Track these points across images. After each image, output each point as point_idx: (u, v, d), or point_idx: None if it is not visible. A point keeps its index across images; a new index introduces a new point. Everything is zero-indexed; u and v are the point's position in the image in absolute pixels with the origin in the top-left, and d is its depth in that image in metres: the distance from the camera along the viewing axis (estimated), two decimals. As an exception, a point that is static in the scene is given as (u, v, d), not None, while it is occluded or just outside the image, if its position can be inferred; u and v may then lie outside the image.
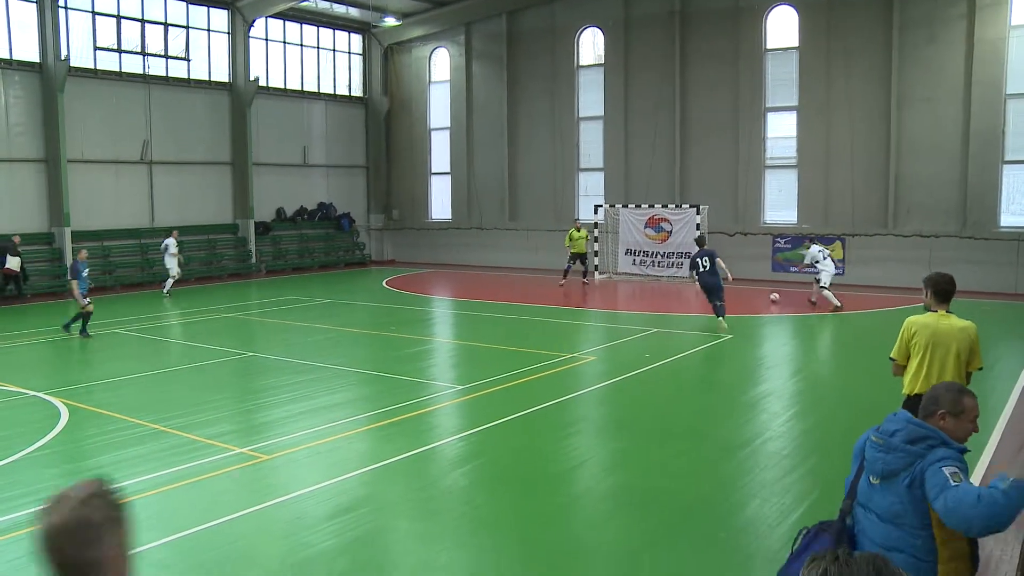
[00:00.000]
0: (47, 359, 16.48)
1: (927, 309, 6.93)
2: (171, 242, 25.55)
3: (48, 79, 26.20)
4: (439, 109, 36.11)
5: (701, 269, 17.69)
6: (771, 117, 28.32)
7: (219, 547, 7.08)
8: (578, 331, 19.27)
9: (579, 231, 26.98)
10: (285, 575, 6.62)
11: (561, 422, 11.12)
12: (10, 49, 25.86)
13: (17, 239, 24.70)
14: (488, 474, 9.08)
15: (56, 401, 11.92)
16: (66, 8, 26.69)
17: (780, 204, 28.44)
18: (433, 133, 36.50)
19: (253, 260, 31.71)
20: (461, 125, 35.04)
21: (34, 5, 26.07)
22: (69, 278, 18.52)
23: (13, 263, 24.15)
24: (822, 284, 20.62)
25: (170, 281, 25.27)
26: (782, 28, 27.83)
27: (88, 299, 17.82)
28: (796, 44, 27.50)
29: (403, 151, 37.26)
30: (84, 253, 18.82)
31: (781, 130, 28.29)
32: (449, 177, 35.87)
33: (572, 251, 26.83)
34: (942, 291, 6.79)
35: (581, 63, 32.06)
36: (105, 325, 19.01)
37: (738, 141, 28.50)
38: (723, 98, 28.62)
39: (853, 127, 26.53)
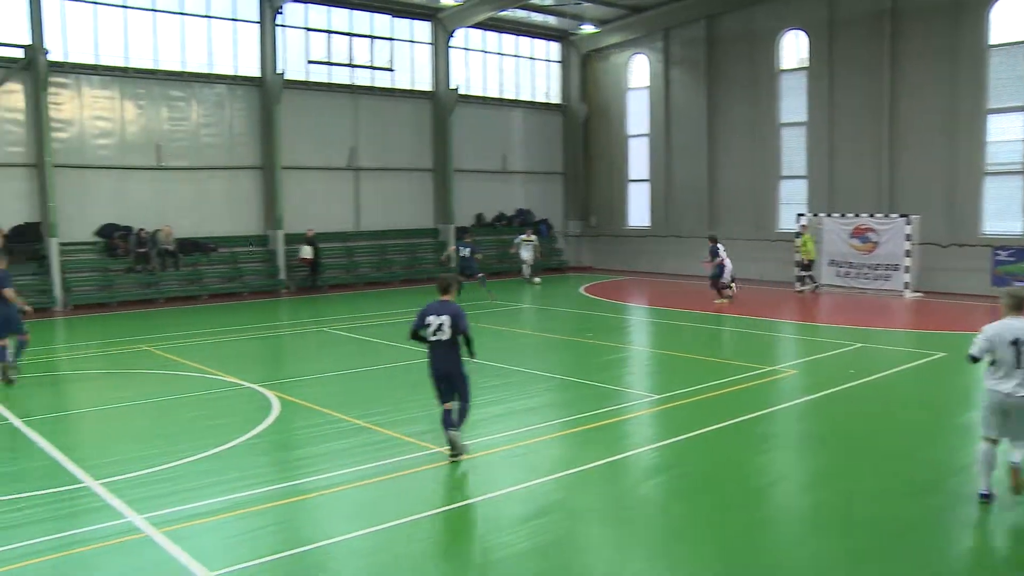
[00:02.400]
0: (260, 353, 17.64)
1: None
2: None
3: (266, 92, 28.23)
4: (637, 116, 35.92)
5: None
6: (993, 119, 26.16)
7: (416, 542, 7.26)
8: (778, 343, 18.55)
9: (805, 236, 26.43)
10: (479, 574, 6.71)
11: (759, 436, 10.70)
12: (235, 65, 28.09)
13: (311, 232, 28.50)
14: (683, 485, 8.86)
15: (269, 393, 12.72)
16: (283, 26, 28.67)
17: (1002, 213, 26.22)
18: (631, 140, 36.34)
19: (453, 264, 32.66)
20: (660, 132, 34.70)
21: (256, 25, 28.18)
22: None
23: (306, 252, 28.09)
24: None
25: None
26: (1010, 20, 25.66)
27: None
28: (1030, 37, 25.29)
29: (601, 158, 37.35)
30: None
31: (1005, 133, 26.06)
32: (647, 184, 35.60)
33: (805, 258, 26.38)
34: None
35: (782, 67, 30.93)
36: (313, 324, 20.15)
37: (955, 145, 26.51)
38: (938, 99, 26.71)
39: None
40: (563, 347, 17.92)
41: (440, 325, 9.88)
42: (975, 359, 8.12)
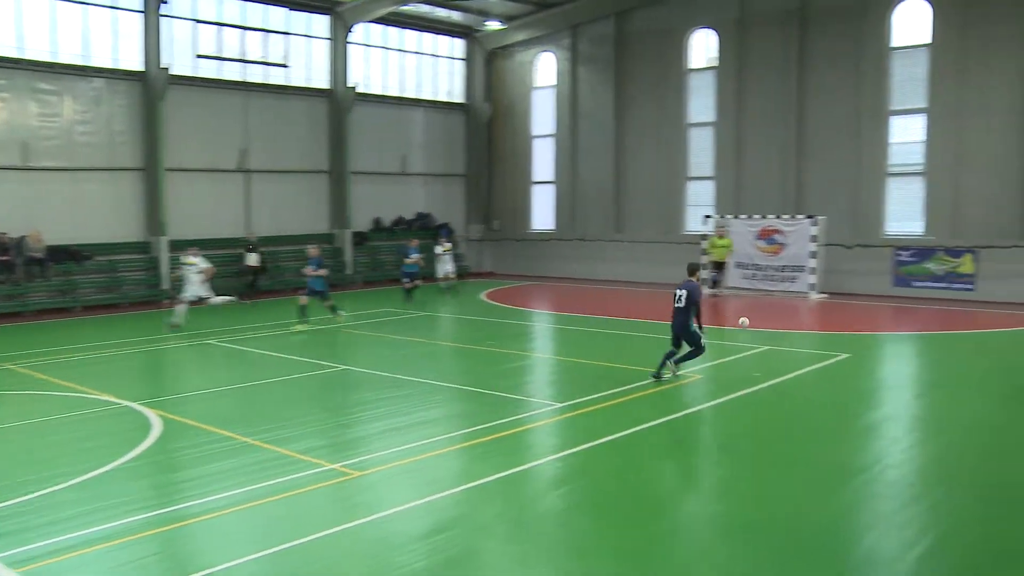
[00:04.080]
0: (139, 369, 17.10)
1: None
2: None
3: (149, 87, 27.36)
4: (543, 115, 36.22)
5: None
6: (896, 121, 27.35)
7: (309, 564, 7.14)
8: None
9: (722, 238, 26.94)
10: (373, 597, 6.64)
11: (664, 444, 10.91)
12: (115, 58, 27.14)
13: (253, 236, 28.55)
14: (587, 497, 8.95)
15: (149, 412, 12.33)
16: (169, 17, 27.84)
17: (904, 214, 27.41)
18: (536, 140, 36.62)
19: (349, 271, 32.34)
20: (566, 132, 35.07)
21: (139, 15, 27.30)
22: None
23: (252, 259, 27.93)
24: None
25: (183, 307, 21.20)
26: (912, 24, 26.84)
27: None
28: (928, 41, 26.49)
29: (505, 159, 37.51)
30: None
31: (907, 135, 27.27)
32: (552, 186, 35.90)
33: (711, 259, 26.90)
34: None
35: (692, 66, 31.67)
36: (199, 336, 19.65)
37: (859, 147, 27.65)
38: (844, 101, 27.82)
39: (989, 130, 25.39)
40: (463, 356, 17.93)
41: (680, 296, 14.04)
42: None
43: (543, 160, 36.42)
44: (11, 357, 17.21)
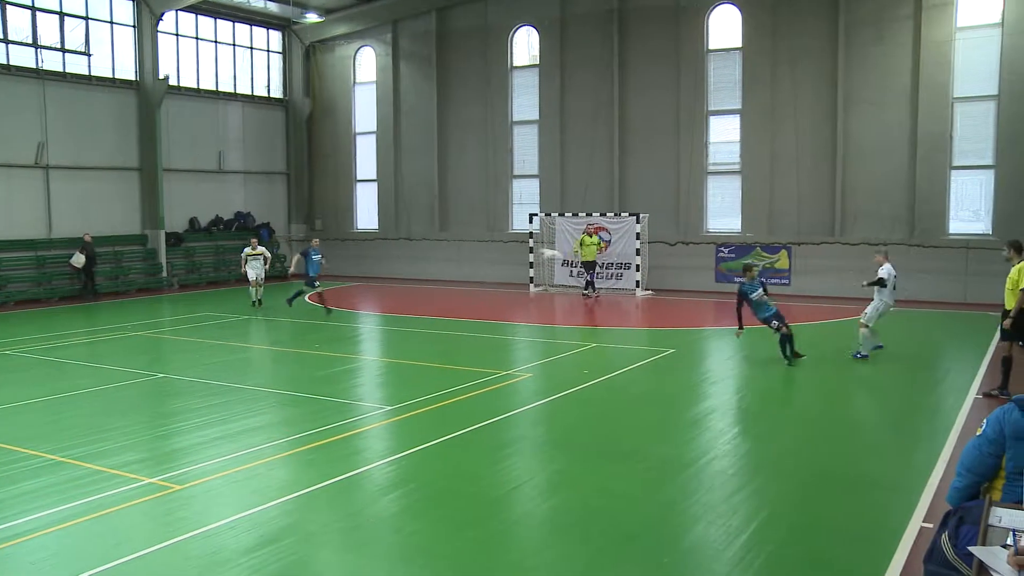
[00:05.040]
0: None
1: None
2: None
3: (-69, 76, 25.35)
4: (365, 112, 35.95)
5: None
6: (714, 121, 28.82)
7: (124, 586, 6.86)
8: (512, 347, 19.29)
9: (591, 236, 27.11)
10: (199, 616, 6.44)
11: (496, 443, 11.07)
12: None
13: (88, 237, 28.06)
14: (419, 500, 8.98)
15: (-59, 430, 11.48)
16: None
17: (724, 212, 28.91)
18: (358, 137, 36.31)
19: (164, 274, 31.06)
20: (388, 129, 34.92)
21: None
22: None
23: (78, 260, 27.29)
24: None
25: None
26: (725, 28, 28.35)
27: None
28: (739, 45, 28.04)
29: (326, 157, 36.97)
30: None
31: (724, 135, 28.79)
32: (376, 184, 35.68)
33: (582, 259, 27.07)
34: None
35: (515, 64, 32.20)
36: (-3, 345, 18.45)
37: (679, 146, 28.93)
38: (664, 101, 29.04)
39: (798, 131, 27.15)
40: (287, 360, 17.60)
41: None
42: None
43: (366, 158, 36.15)
44: None
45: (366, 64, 35.86)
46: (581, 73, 30.44)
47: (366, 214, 36.36)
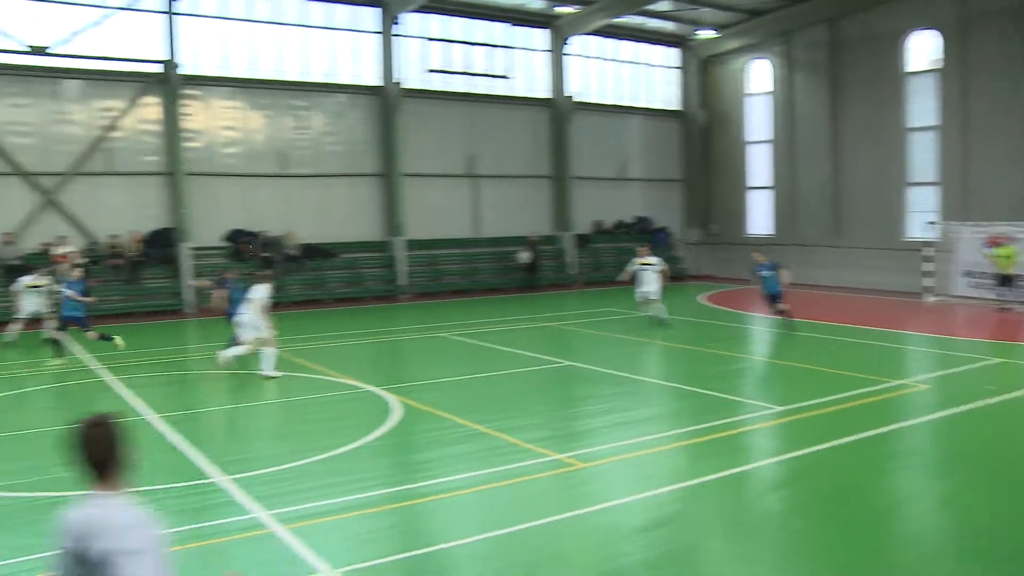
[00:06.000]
0: (380, 357, 18.07)
1: None
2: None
3: (386, 101, 28.99)
4: (758, 121, 35.31)
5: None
6: None
7: (533, 549, 7.29)
8: (907, 356, 17.85)
9: (1001, 247, 23.87)
10: (599, 583, 6.70)
11: (887, 453, 10.29)
12: (356, 75, 28.97)
13: (534, 236, 31.29)
14: (805, 501, 8.61)
15: (390, 397, 13.02)
16: (402, 36, 29.47)
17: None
18: (750, 146, 35.75)
19: (574, 271, 32.77)
20: (782, 137, 33.98)
21: (376, 36, 28.99)
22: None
23: (523, 256, 30.22)
24: None
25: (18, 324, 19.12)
26: None
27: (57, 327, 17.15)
28: None
29: (720, 164, 36.83)
30: (78, 272, 17.37)
31: None
32: (771, 191, 34.89)
33: (998, 270, 23.95)
34: None
35: (910, 69, 29.81)
36: (432, 329, 20.52)
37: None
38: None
39: None
40: (682, 356, 17.70)
41: None
42: None
43: (759, 165, 35.49)
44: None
45: (758, 75, 35.20)
46: (986, 74, 27.36)
47: (759, 219, 35.68)
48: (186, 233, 25.81)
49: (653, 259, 20.56)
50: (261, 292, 14.71)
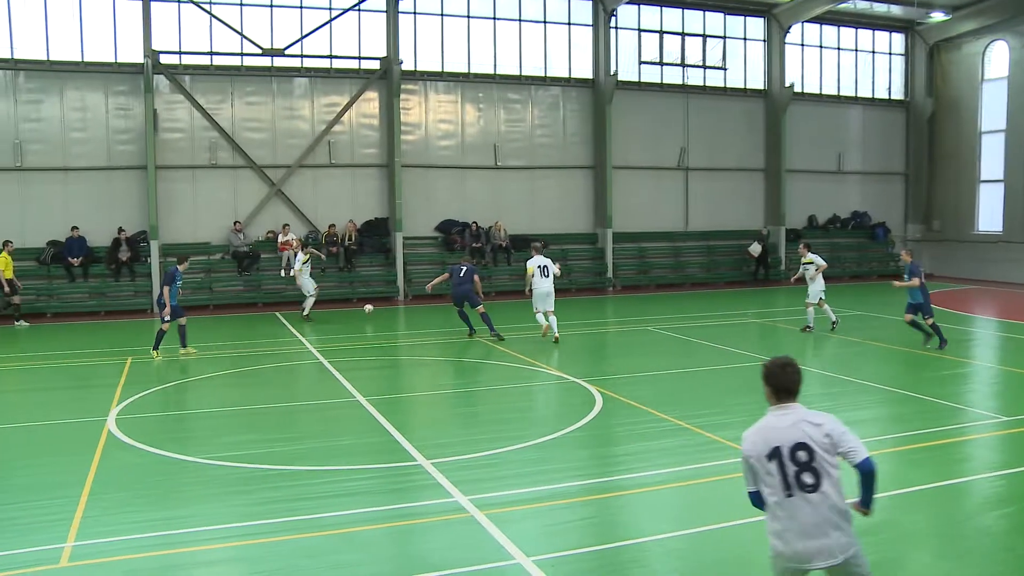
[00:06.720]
0: (584, 349, 18.16)
1: None
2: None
3: (599, 93, 29.02)
4: (993, 110, 32.50)
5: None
6: None
7: (725, 548, 7.13)
8: None
9: None
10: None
11: None
12: (569, 68, 29.21)
13: (765, 230, 30.87)
14: (1033, 522, 7.89)
15: (592, 388, 13.07)
16: (616, 28, 29.31)
17: None
18: (984, 136, 32.99)
19: (781, 267, 31.61)
20: (1019, 127, 31.14)
21: (589, 28, 29.13)
22: (162, 284, 16.53)
23: (755, 249, 30.01)
24: None
25: (311, 300, 21.69)
26: None
27: (168, 317, 16.10)
28: None
29: (948, 157, 34.26)
30: (186, 264, 16.78)
31: None
32: (1002, 185, 32.13)
33: None
34: None
35: None
36: (638, 323, 20.40)
37: None
38: None
39: None
40: (893, 357, 16.68)
41: None
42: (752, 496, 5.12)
43: (992, 158, 32.69)
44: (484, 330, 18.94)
45: (997, 60, 32.38)
46: None
47: (989, 216, 32.95)
48: (400, 223, 26.94)
49: (812, 256, 19.26)
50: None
